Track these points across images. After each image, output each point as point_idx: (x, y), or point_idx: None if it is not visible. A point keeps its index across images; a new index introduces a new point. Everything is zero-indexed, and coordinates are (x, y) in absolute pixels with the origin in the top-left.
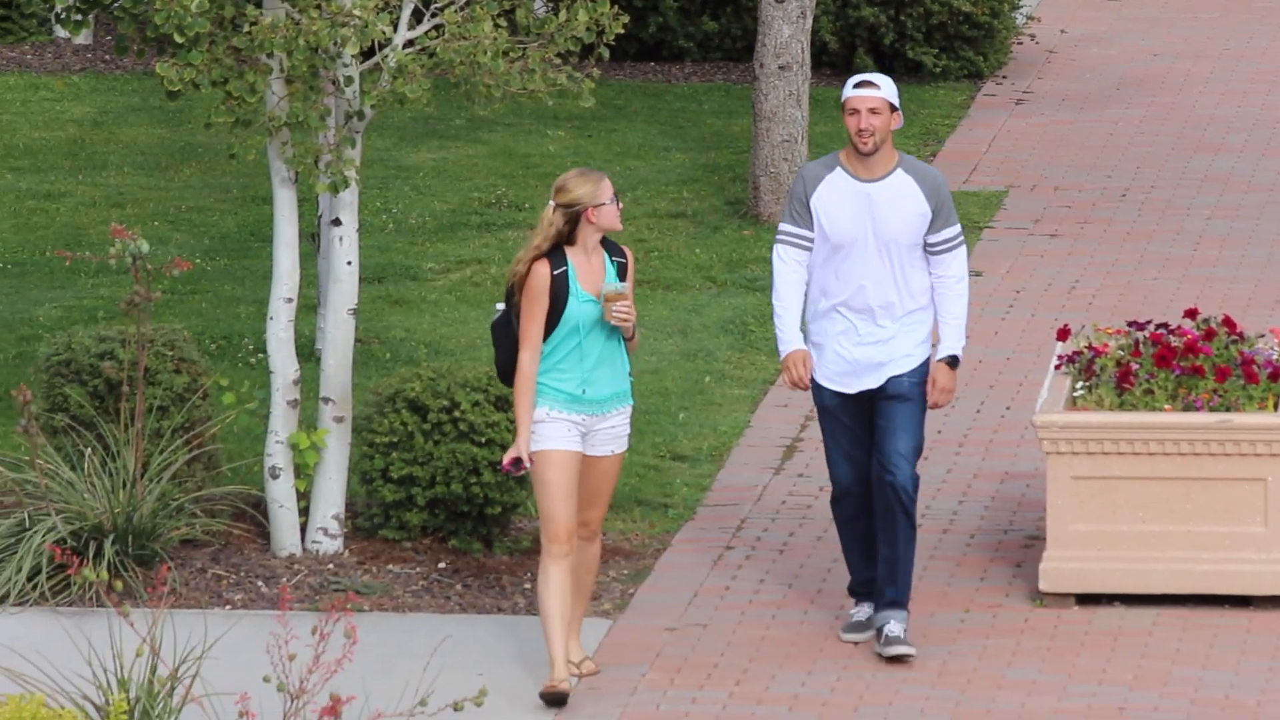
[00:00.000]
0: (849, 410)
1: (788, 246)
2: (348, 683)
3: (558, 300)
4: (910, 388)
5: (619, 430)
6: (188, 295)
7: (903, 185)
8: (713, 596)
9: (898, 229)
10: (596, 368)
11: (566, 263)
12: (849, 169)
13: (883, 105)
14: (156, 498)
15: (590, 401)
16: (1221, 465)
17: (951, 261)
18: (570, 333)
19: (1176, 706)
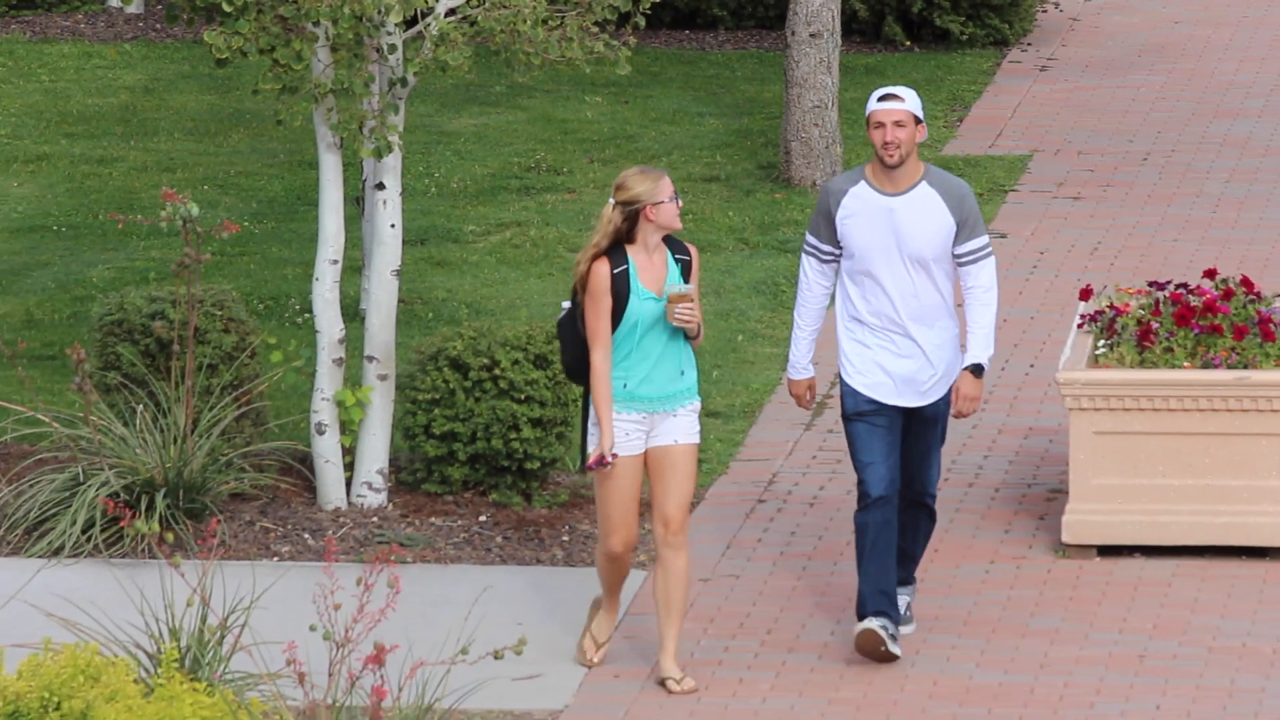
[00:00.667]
0: (885, 416)
1: (812, 259)
2: (391, 632)
3: (619, 298)
4: (944, 406)
5: (683, 423)
6: (236, 257)
7: (927, 198)
8: (745, 549)
9: (922, 243)
10: (657, 365)
11: (627, 260)
12: (873, 183)
13: (908, 118)
14: (206, 453)
15: (646, 399)
16: (1239, 421)
17: (979, 272)
18: (631, 330)
19: (1195, 654)
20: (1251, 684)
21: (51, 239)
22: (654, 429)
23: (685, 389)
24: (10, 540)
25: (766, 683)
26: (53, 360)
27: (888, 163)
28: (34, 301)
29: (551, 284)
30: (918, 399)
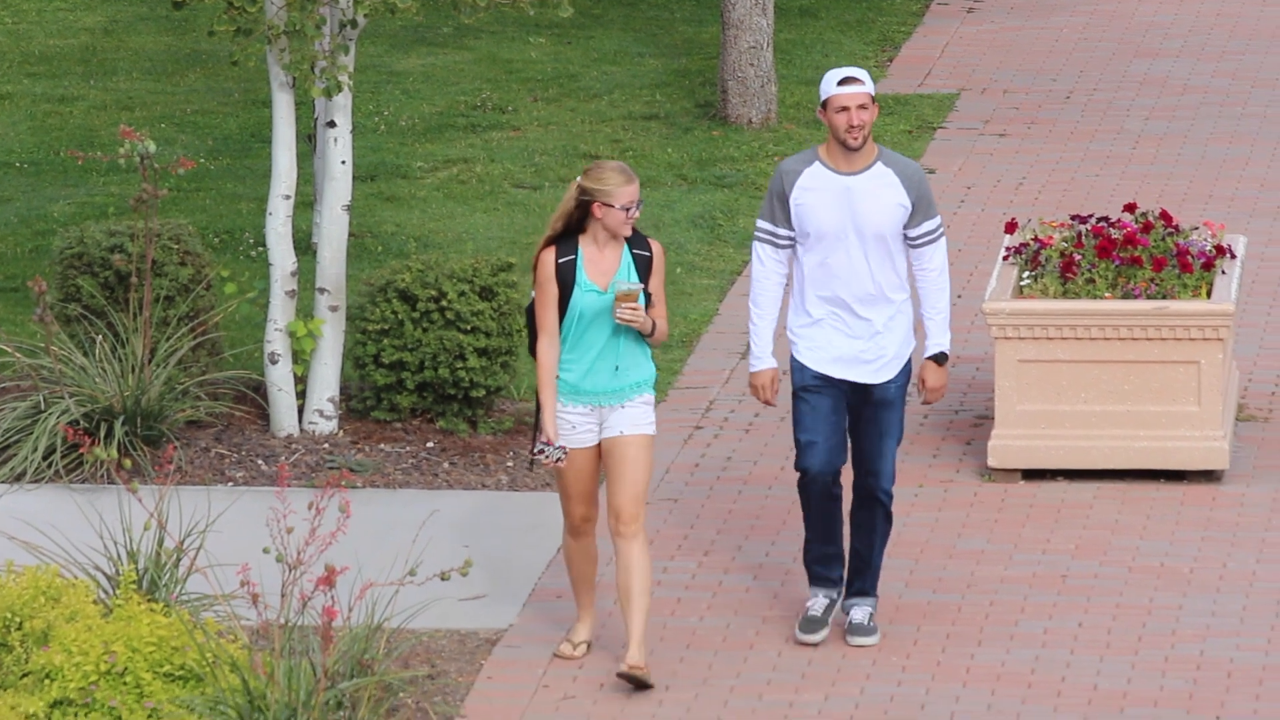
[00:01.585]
0: (830, 395)
1: (766, 245)
2: (342, 554)
3: (565, 288)
4: (895, 392)
5: (631, 413)
6: (192, 192)
7: (883, 177)
8: (683, 473)
9: (878, 221)
10: (601, 359)
11: (576, 250)
12: (828, 163)
13: (868, 100)
14: (163, 382)
15: (590, 392)
16: (1158, 349)
17: (933, 254)
18: (575, 322)
19: (1115, 574)
20: (1169, 602)
21: (14, 175)
22: (605, 420)
23: (632, 384)
24: None
25: (704, 603)
26: (15, 292)
27: (851, 145)
28: None
29: (497, 219)
30: (868, 376)
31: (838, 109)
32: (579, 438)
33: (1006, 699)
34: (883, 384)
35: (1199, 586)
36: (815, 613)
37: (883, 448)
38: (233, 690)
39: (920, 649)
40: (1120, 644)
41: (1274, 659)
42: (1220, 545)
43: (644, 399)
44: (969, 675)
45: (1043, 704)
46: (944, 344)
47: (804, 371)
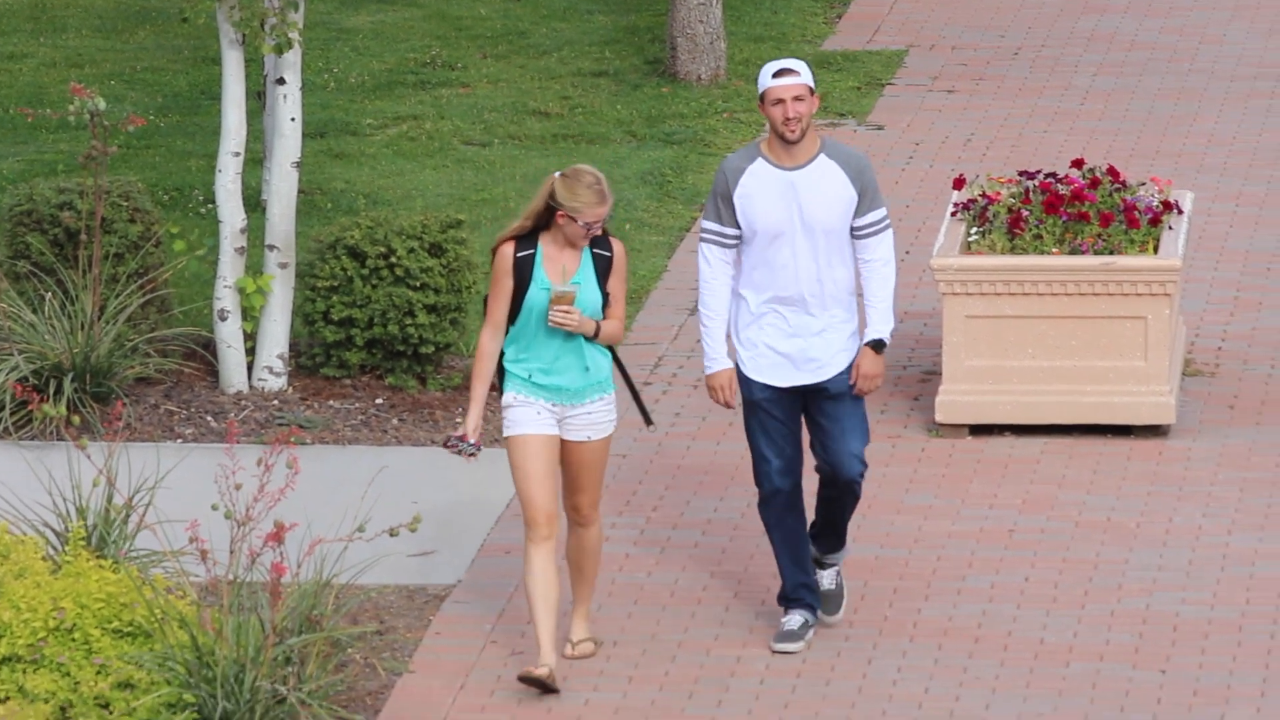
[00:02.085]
0: (781, 405)
1: (712, 246)
2: (291, 510)
3: (521, 284)
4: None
5: (595, 417)
6: (142, 150)
7: (827, 170)
8: (631, 429)
9: (824, 214)
10: (559, 357)
11: (536, 246)
12: (771, 158)
13: (805, 91)
14: (112, 338)
15: (549, 389)
16: (1105, 304)
17: (879, 245)
18: (529, 318)
19: (1062, 528)
20: (1116, 556)
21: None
22: (565, 418)
23: (593, 383)
24: None
25: (652, 558)
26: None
27: (789, 138)
28: None
29: (446, 175)
30: (816, 374)
31: (774, 101)
32: (540, 424)
33: (953, 653)
34: (835, 377)
35: (1145, 541)
36: (792, 627)
37: (846, 443)
38: (181, 646)
39: (867, 604)
40: (1067, 598)
41: (1220, 613)
42: (1166, 500)
43: (606, 401)
44: (916, 630)
45: (989, 658)
46: (883, 332)
47: (751, 385)
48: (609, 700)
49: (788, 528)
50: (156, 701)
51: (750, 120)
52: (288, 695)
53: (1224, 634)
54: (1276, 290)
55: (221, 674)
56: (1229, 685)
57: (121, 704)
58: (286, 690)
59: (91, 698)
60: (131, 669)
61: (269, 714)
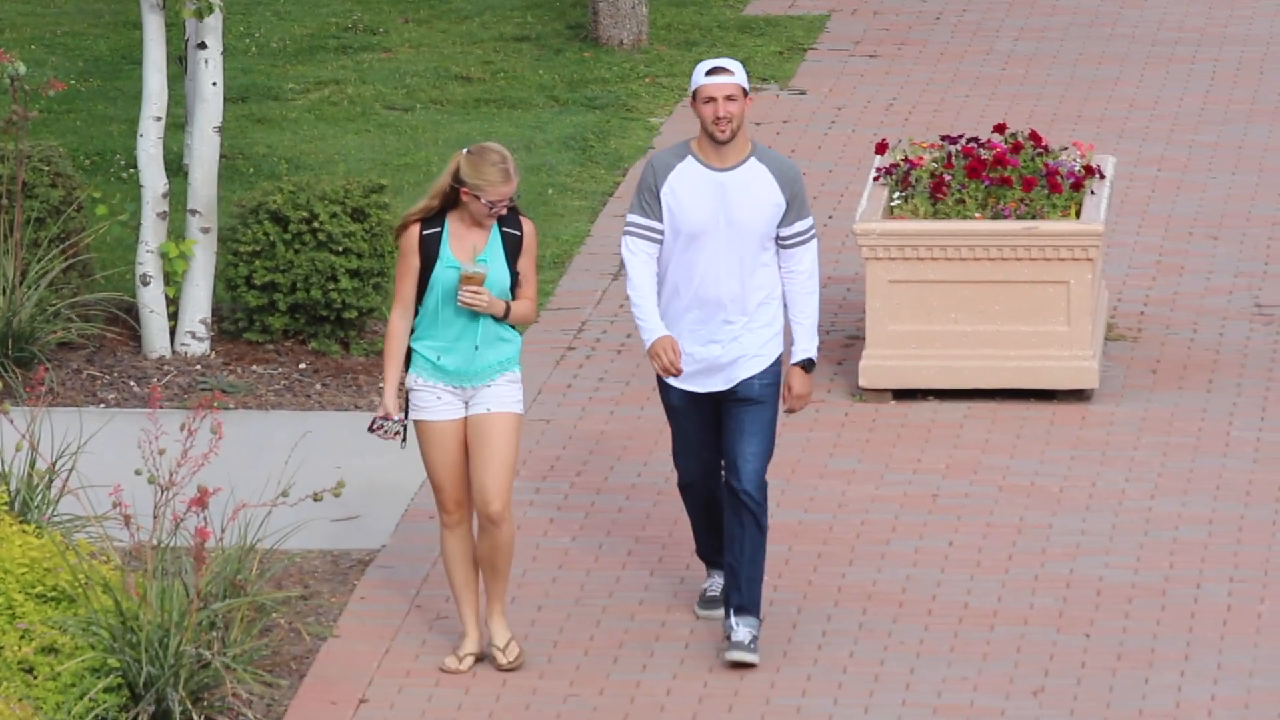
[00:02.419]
0: (697, 410)
1: (637, 239)
2: (214, 475)
3: (428, 262)
4: (761, 390)
5: (496, 391)
6: (63, 114)
7: (756, 174)
8: (555, 394)
9: (750, 218)
10: (461, 338)
11: (442, 224)
12: (701, 157)
13: (737, 91)
14: (34, 304)
15: (450, 373)
16: (1028, 269)
17: (803, 256)
18: (435, 297)
19: (986, 493)
20: (1039, 520)
21: None
22: (471, 398)
23: (497, 362)
24: None
25: (576, 523)
26: None
27: (719, 138)
28: None
29: (368, 140)
30: (725, 381)
31: (705, 100)
32: (441, 410)
33: (878, 618)
34: (744, 381)
35: (1069, 505)
36: (714, 592)
37: (745, 447)
38: (105, 611)
39: (792, 569)
40: (991, 562)
41: (1143, 577)
42: (1090, 464)
43: (509, 377)
44: (840, 594)
45: (914, 622)
46: (810, 351)
47: (669, 391)
48: (534, 665)
49: (708, 510)
50: (81, 666)
51: (672, 85)
52: (212, 660)
53: (1148, 598)
54: (1198, 255)
55: (146, 639)
56: (1153, 649)
57: (45, 669)
58: (211, 655)
59: (15, 662)
60: (55, 634)
61: (194, 679)
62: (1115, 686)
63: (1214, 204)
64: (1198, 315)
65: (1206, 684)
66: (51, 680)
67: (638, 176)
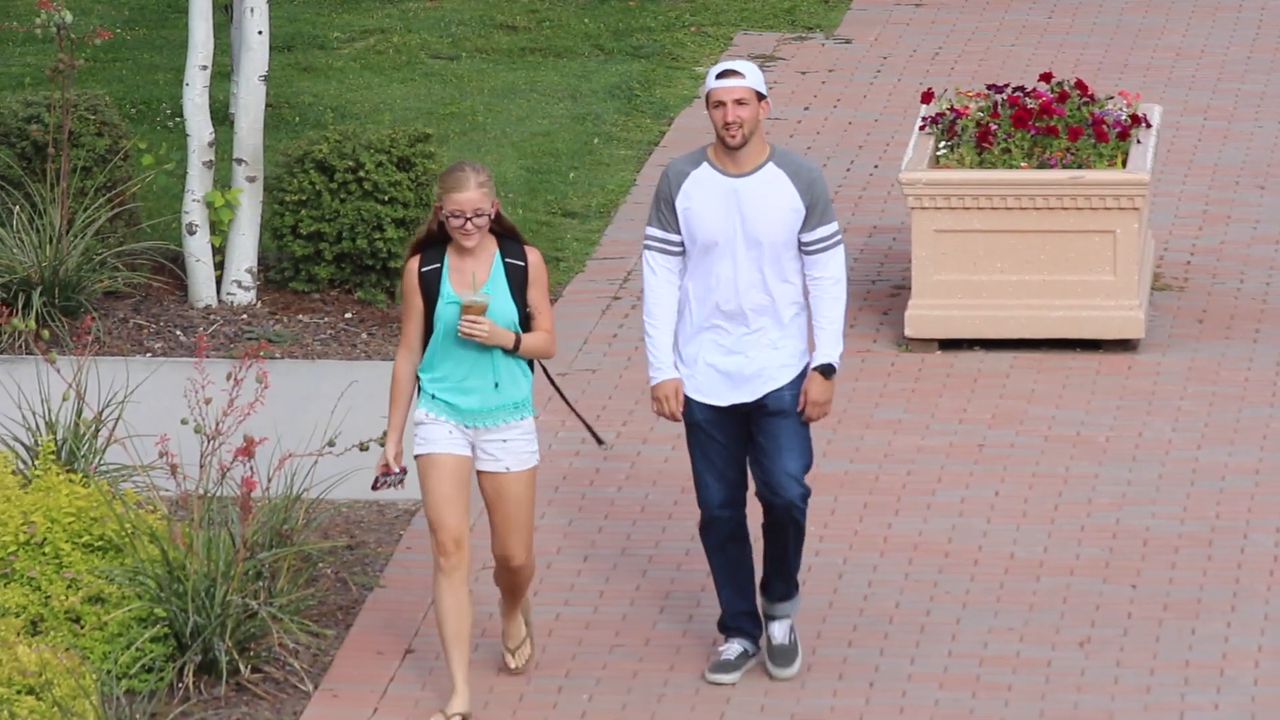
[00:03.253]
0: (722, 426)
1: (656, 253)
2: (260, 425)
3: (430, 299)
4: (792, 400)
5: (514, 446)
6: (109, 63)
7: (773, 179)
8: (601, 343)
9: (768, 226)
10: (470, 375)
11: (441, 259)
12: (716, 164)
13: (749, 95)
14: (81, 252)
15: (460, 411)
16: (1074, 219)
17: (828, 262)
18: (440, 335)
19: (1031, 443)
20: (1085, 470)
21: None
22: (480, 444)
23: (508, 404)
24: None
25: (622, 473)
26: None
27: (730, 143)
28: None
29: (414, 89)
30: (752, 393)
31: (715, 104)
32: (450, 444)
33: (924, 568)
34: (775, 392)
35: (1115, 455)
36: (728, 657)
37: (783, 462)
38: (152, 561)
39: (838, 519)
40: (1037, 513)
41: (1189, 527)
42: (1136, 414)
43: (526, 426)
44: (886, 545)
45: (959, 573)
46: (832, 356)
47: (691, 405)
48: (578, 617)
49: (729, 554)
50: (127, 616)
51: (717, 34)
52: (259, 609)
53: (1194, 548)
54: (1244, 204)
55: (192, 588)
56: (1199, 599)
57: (92, 618)
58: (258, 604)
59: (62, 612)
60: (102, 583)
61: (240, 628)
62: (1161, 637)
63: (1260, 153)
64: (1244, 265)
65: (1253, 634)
66: (99, 630)
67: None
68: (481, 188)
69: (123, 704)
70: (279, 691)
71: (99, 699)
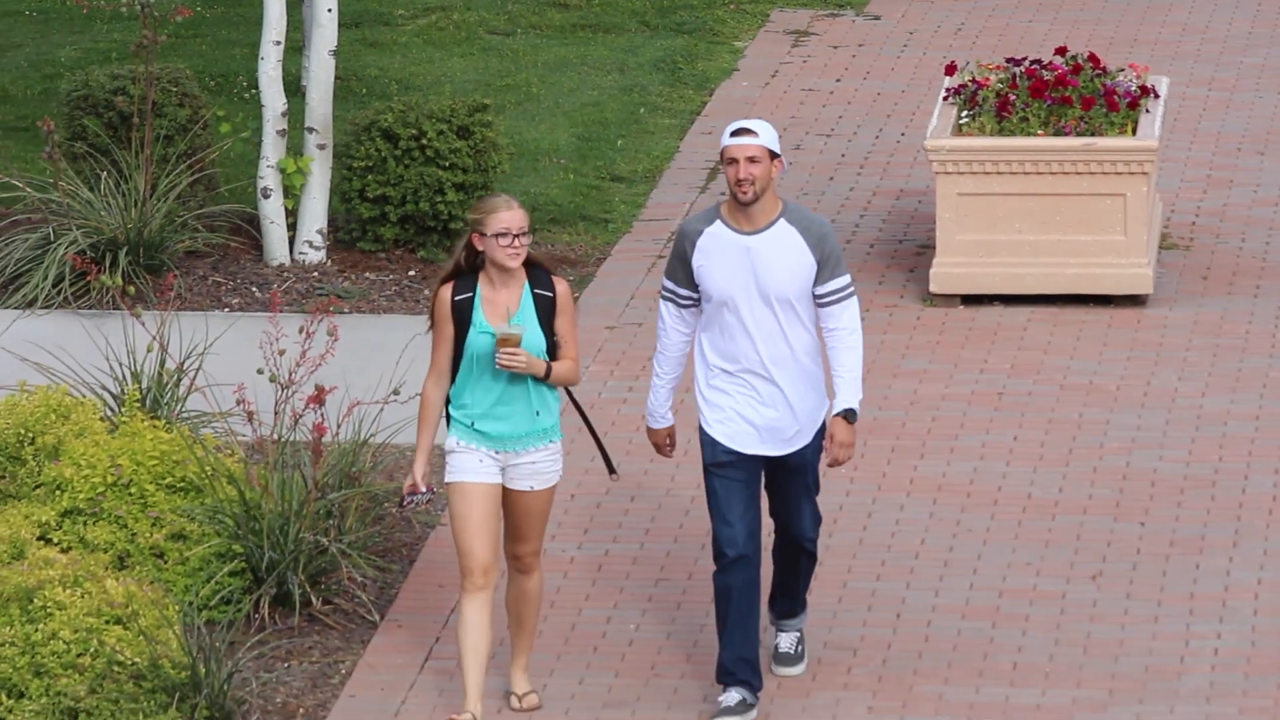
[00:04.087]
0: (744, 468)
1: (670, 304)
2: (330, 375)
3: (461, 328)
4: (811, 456)
5: (540, 467)
6: (189, 39)
7: (785, 236)
8: (646, 299)
9: (781, 282)
10: (501, 402)
11: (474, 289)
12: (729, 221)
13: (762, 153)
14: (163, 214)
15: (493, 437)
16: (1087, 183)
17: (842, 314)
18: (470, 363)
19: (1048, 391)
20: (1098, 417)
21: (24, 23)
22: (508, 466)
23: (539, 430)
24: None
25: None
26: (25, 132)
27: (742, 200)
28: (8, 79)
29: (473, 63)
30: (781, 447)
31: (728, 161)
32: (484, 471)
33: (947, 508)
34: (798, 451)
35: (1125, 403)
36: (729, 704)
37: (801, 509)
38: (230, 501)
39: (867, 462)
40: (1052, 456)
41: (1194, 470)
42: (1145, 364)
43: (553, 450)
44: (912, 486)
45: (980, 512)
46: (852, 402)
47: (715, 447)
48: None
49: (745, 601)
50: (207, 551)
51: (755, 11)
52: (329, 546)
53: (1198, 489)
54: (1247, 169)
55: (267, 526)
56: (1203, 536)
57: (175, 554)
58: (328, 541)
59: (147, 548)
60: (184, 521)
61: (312, 563)
62: (1168, 571)
63: (1261, 121)
64: (1245, 225)
65: (1253, 568)
66: (180, 564)
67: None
68: (522, 209)
69: (203, 633)
70: (348, 622)
71: (181, 629)
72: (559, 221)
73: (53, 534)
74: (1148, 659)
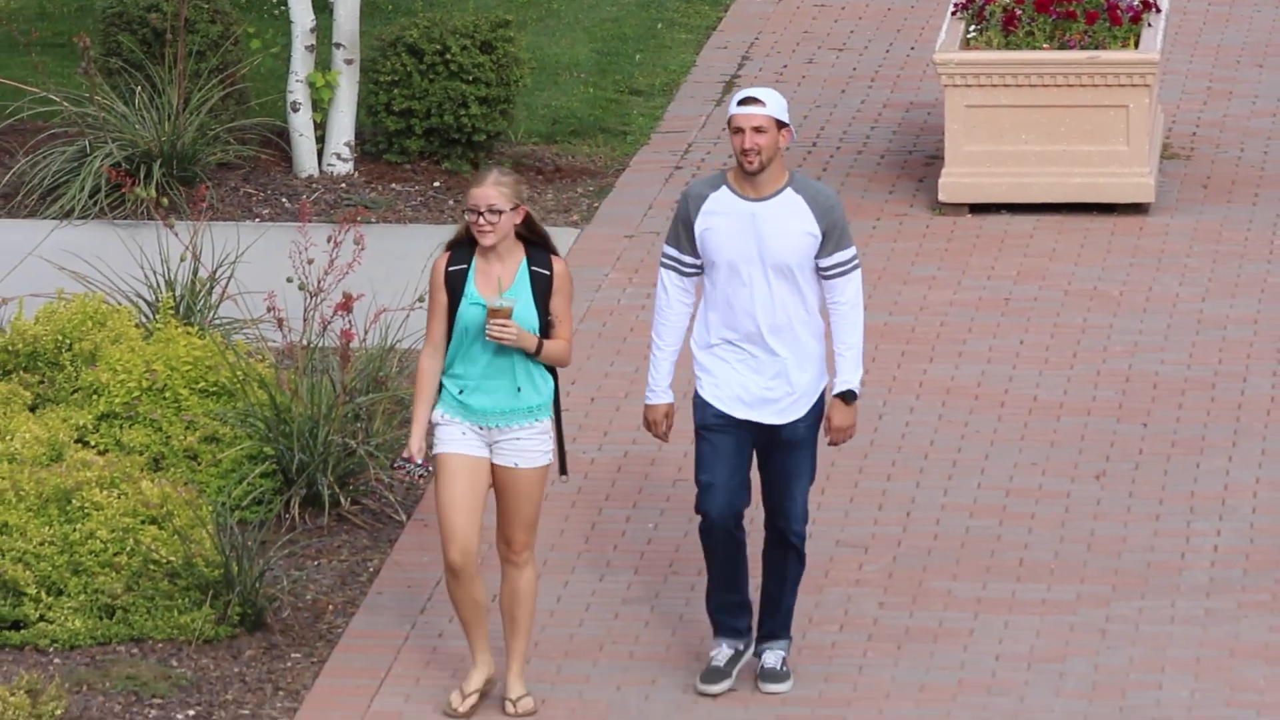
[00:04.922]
0: (733, 434)
1: (671, 272)
2: (357, 283)
3: (454, 299)
4: (805, 431)
5: (525, 444)
6: None
7: (791, 204)
8: (664, 209)
9: (785, 250)
10: (487, 376)
11: (469, 260)
12: (735, 188)
13: (768, 123)
14: (196, 128)
15: (474, 411)
16: (1090, 95)
17: (846, 286)
18: (461, 335)
19: (1053, 296)
20: (1101, 321)
21: None
22: (495, 443)
23: (525, 408)
24: (27, 204)
25: None
26: (62, 48)
27: (747, 169)
28: None
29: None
30: (773, 416)
31: (734, 130)
32: (466, 444)
33: (955, 410)
34: (791, 423)
35: (1128, 307)
36: (718, 663)
37: (792, 490)
38: (261, 404)
39: (878, 365)
40: (1057, 359)
41: (1195, 372)
42: (1147, 270)
43: (540, 428)
44: (921, 389)
45: (988, 414)
46: (852, 382)
47: (706, 409)
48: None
49: (727, 554)
50: (239, 454)
51: None
52: (357, 448)
53: (1198, 391)
54: (1245, 81)
55: (297, 429)
56: (1203, 437)
57: (208, 456)
58: (356, 444)
59: (181, 450)
60: (217, 424)
61: (340, 465)
62: (1170, 470)
63: (1260, 34)
64: (1244, 136)
65: (1252, 468)
66: (214, 466)
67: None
68: (499, 186)
69: (235, 533)
70: (375, 521)
71: (214, 528)
72: (579, 134)
73: (90, 437)
74: (1149, 555)
